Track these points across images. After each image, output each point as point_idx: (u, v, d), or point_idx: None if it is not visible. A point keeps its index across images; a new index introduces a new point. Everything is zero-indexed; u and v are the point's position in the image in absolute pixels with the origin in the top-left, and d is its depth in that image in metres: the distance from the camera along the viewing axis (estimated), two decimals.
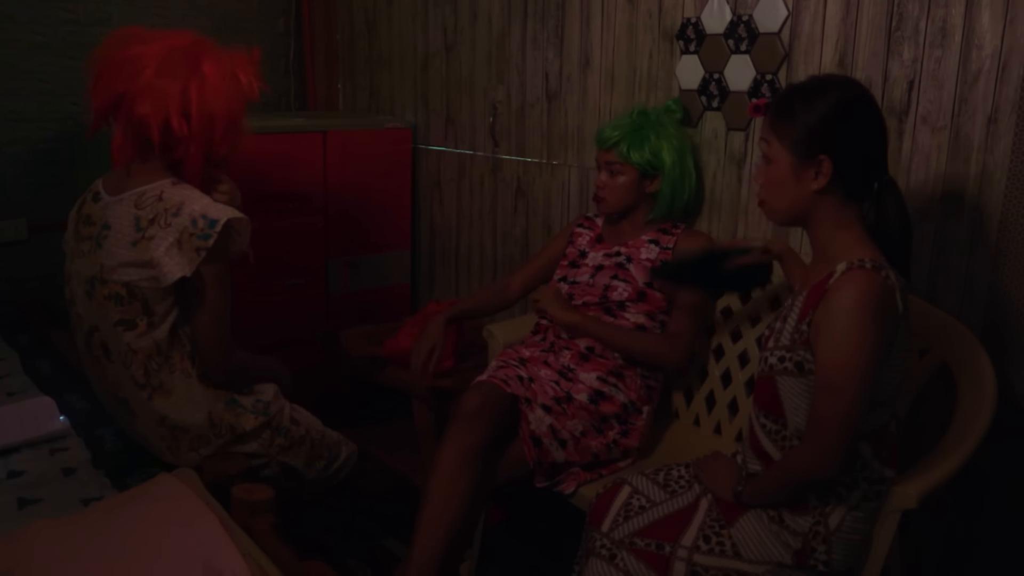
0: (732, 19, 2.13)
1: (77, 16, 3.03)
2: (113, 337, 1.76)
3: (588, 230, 2.29)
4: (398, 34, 3.28)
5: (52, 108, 3.02)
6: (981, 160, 1.76)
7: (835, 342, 1.35)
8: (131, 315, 1.73)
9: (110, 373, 1.81)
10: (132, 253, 1.71)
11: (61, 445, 1.86)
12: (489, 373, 1.99)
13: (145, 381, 1.76)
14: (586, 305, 2.12)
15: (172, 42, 1.77)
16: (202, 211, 1.71)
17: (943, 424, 1.64)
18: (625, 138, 2.11)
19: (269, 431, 1.88)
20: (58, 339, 2.58)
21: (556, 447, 1.89)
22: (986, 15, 1.71)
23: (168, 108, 1.71)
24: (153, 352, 1.75)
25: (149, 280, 1.71)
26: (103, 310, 1.76)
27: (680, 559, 1.49)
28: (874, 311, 1.34)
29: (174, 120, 1.71)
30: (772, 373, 1.47)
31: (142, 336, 1.74)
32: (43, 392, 2.10)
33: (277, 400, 1.92)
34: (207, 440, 1.81)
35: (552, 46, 2.65)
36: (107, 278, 1.74)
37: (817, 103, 1.41)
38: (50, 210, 3.07)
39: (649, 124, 2.14)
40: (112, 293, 1.74)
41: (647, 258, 2.12)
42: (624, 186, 2.13)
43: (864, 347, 1.34)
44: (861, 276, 1.36)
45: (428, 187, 3.25)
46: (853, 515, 1.45)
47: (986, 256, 1.77)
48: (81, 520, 1.48)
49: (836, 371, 1.35)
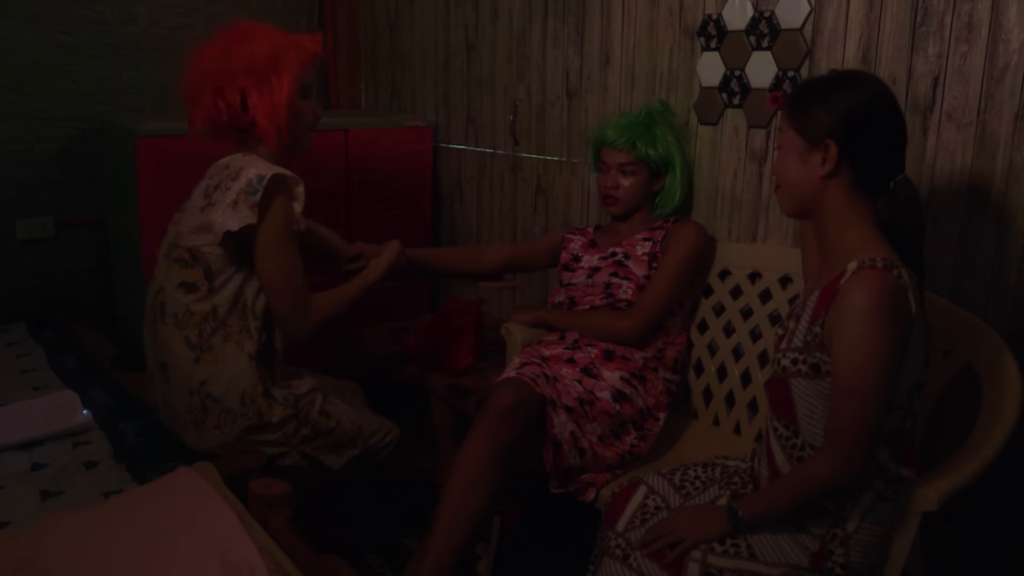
0: (754, 15, 2.11)
1: (104, 16, 3.06)
2: (173, 298, 1.87)
3: (580, 236, 2.32)
4: (420, 33, 3.28)
5: (79, 107, 3.06)
6: (1008, 157, 1.73)
7: (850, 346, 1.33)
8: (193, 279, 1.85)
9: (160, 334, 1.91)
10: (199, 218, 1.85)
11: (84, 439, 1.89)
12: (515, 370, 1.93)
13: (197, 343, 1.85)
14: (594, 309, 2.13)
15: (224, 33, 1.92)
16: (257, 173, 1.82)
17: (967, 426, 1.61)
18: (640, 137, 2.13)
19: (295, 422, 1.92)
20: (84, 335, 2.61)
21: (575, 455, 1.87)
22: (1013, 9, 1.68)
23: (223, 87, 1.86)
24: (209, 317, 1.85)
25: (211, 245, 1.83)
26: (171, 271, 1.89)
27: (694, 560, 1.48)
28: (888, 312, 1.32)
29: (228, 95, 1.86)
30: (786, 375, 1.45)
31: (201, 300, 1.85)
32: (68, 387, 2.13)
33: (310, 394, 1.97)
34: (233, 418, 1.86)
35: (573, 44, 2.64)
36: (178, 243, 1.88)
37: (831, 94, 1.41)
38: (77, 208, 3.11)
39: (655, 122, 2.19)
40: (179, 256, 1.87)
41: (643, 253, 2.14)
42: (636, 186, 2.17)
43: (879, 349, 1.32)
44: (872, 276, 1.34)
45: (449, 185, 3.26)
46: (871, 517, 1.43)
47: (1013, 255, 1.74)
48: (101, 512, 1.50)
49: (854, 375, 1.33)
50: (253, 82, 1.86)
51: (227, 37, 1.90)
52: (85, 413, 1.96)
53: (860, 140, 1.40)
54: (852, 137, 1.39)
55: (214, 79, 1.86)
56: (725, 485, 1.60)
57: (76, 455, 1.82)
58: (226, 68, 1.86)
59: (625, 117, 2.22)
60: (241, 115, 1.88)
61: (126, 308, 3.01)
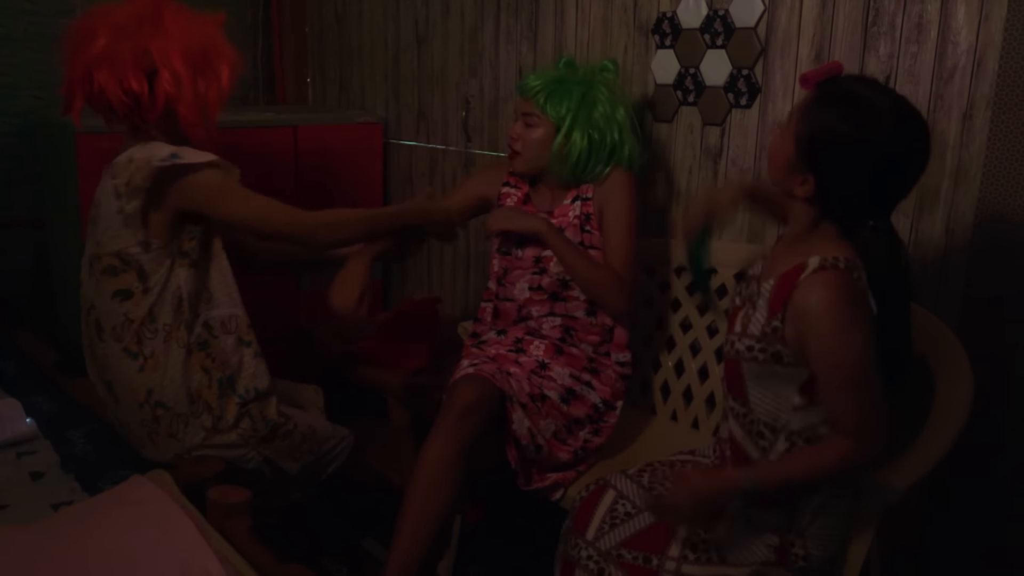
0: (708, 14, 2.13)
1: (39, 6, 2.95)
2: (108, 311, 1.78)
3: (515, 189, 2.16)
4: (368, 27, 3.24)
5: (14, 102, 2.94)
6: (956, 156, 1.77)
7: (830, 344, 1.34)
8: (126, 284, 1.76)
9: (99, 354, 1.83)
10: (119, 220, 1.73)
11: (28, 448, 1.81)
12: (472, 367, 1.87)
13: (138, 350, 1.77)
14: (534, 290, 2.04)
15: (128, 8, 1.75)
16: (171, 152, 1.70)
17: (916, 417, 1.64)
18: (545, 88, 2.00)
19: (249, 420, 1.86)
20: (24, 340, 2.52)
21: (532, 451, 1.86)
22: (962, 11, 1.72)
23: (125, 71, 1.69)
24: (146, 319, 1.77)
25: (139, 245, 1.73)
26: (100, 285, 1.78)
27: (668, 571, 1.49)
28: (853, 306, 1.34)
29: (133, 82, 1.70)
30: (739, 358, 1.47)
31: (138, 304, 1.76)
32: (8, 394, 2.04)
33: (271, 393, 1.90)
34: (185, 421, 1.80)
35: (526, 40, 2.63)
36: (101, 252, 1.77)
37: (845, 122, 1.32)
38: (14, 207, 2.99)
39: (575, 79, 2.02)
40: (107, 266, 1.76)
41: (575, 216, 2.03)
42: (538, 140, 2.01)
43: (857, 337, 1.33)
44: (831, 278, 1.34)
45: (400, 182, 3.22)
46: (827, 510, 1.45)
47: (962, 251, 1.79)
48: (50, 526, 1.44)
49: (844, 369, 1.34)
50: (188, 66, 1.73)
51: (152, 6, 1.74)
52: (28, 421, 1.89)
53: (836, 180, 1.35)
54: (830, 176, 1.35)
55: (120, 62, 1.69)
56: None
57: (20, 465, 1.74)
58: (158, 44, 1.70)
59: (554, 67, 2.11)
60: (152, 99, 1.72)
61: (67, 311, 2.91)
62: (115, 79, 1.70)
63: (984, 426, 1.73)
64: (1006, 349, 1.75)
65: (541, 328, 2.05)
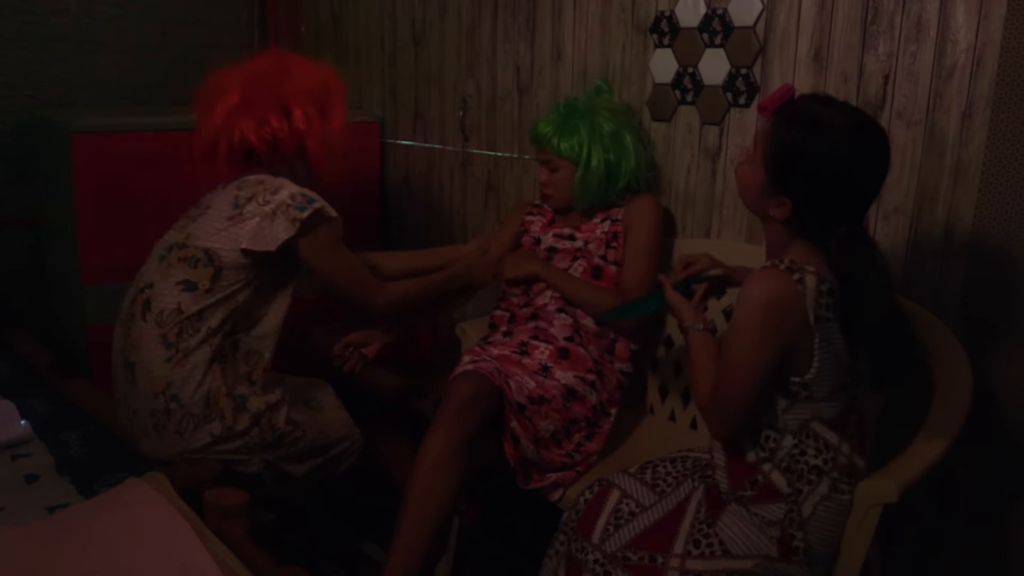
0: (707, 12, 2.12)
1: (33, 6, 2.93)
2: (164, 295, 1.85)
3: (539, 216, 2.31)
4: (365, 26, 3.23)
5: (8, 101, 2.93)
6: (955, 154, 1.77)
7: (731, 331, 1.42)
8: (198, 278, 1.84)
9: (134, 332, 1.86)
10: (225, 225, 1.85)
11: (23, 451, 1.81)
12: (471, 364, 1.89)
13: (174, 341, 1.81)
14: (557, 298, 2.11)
15: (254, 63, 1.98)
16: (301, 191, 1.87)
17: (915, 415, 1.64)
18: (556, 132, 2.13)
19: (257, 429, 1.87)
20: (19, 341, 2.51)
21: (531, 449, 1.86)
22: (961, 10, 1.72)
23: (264, 114, 1.89)
24: (195, 316, 1.82)
25: (232, 252, 1.83)
26: (171, 269, 1.86)
27: (673, 568, 1.49)
28: (768, 312, 1.38)
29: (272, 120, 1.89)
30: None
31: (197, 300, 1.83)
32: (3, 396, 2.03)
33: (282, 404, 1.93)
34: (196, 422, 1.81)
35: (523, 39, 2.62)
36: (189, 244, 1.87)
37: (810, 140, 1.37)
38: (8, 207, 2.97)
39: (577, 114, 2.14)
40: (190, 255, 1.86)
41: (602, 232, 2.15)
42: (565, 180, 2.15)
43: (750, 346, 1.39)
44: (769, 276, 1.39)
45: (397, 182, 3.21)
46: (825, 504, 1.46)
47: (961, 250, 1.79)
48: (46, 528, 1.43)
49: (727, 356, 1.42)
50: (315, 105, 1.93)
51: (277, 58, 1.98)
52: (23, 423, 1.88)
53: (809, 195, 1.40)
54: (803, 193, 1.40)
55: (278, 95, 1.90)
56: (700, 479, 1.61)
57: (15, 468, 1.74)
58: (289, 87, 1.91)
59: (556, 111, 2.20)
60: (282, 146, 1.92)
61: (63, 312, 2.89)
62: (255, 123, 1.89)
63: (984, 425, 1.73)
64: (1006, 349, 1.74)
65: (551, 326, 2.07)
